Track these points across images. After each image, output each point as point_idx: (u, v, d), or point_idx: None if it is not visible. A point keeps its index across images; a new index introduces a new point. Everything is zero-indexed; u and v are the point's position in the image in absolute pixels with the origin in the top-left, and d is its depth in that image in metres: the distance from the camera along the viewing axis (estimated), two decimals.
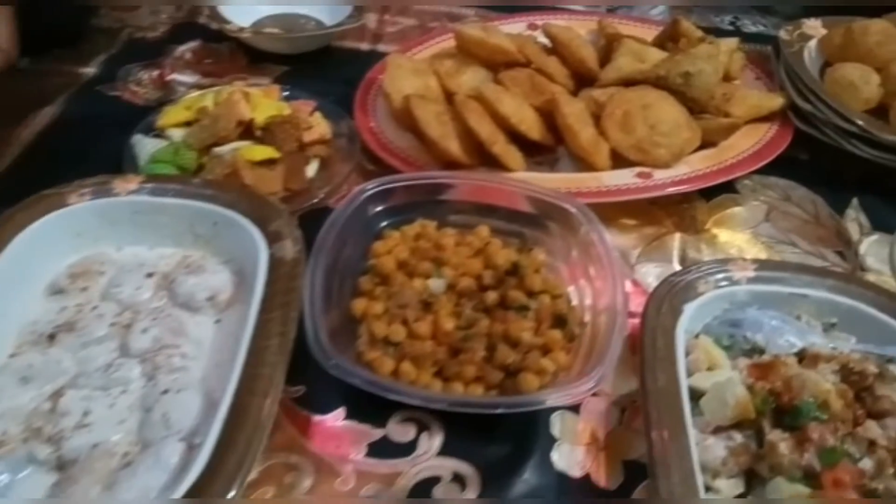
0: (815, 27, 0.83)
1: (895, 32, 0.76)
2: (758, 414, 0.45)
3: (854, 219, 0.70)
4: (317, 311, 0.48)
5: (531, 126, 0.68)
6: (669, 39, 0.80)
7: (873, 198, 0.72)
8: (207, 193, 0.55)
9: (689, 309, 0.51)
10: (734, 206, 0.70)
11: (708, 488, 0.43)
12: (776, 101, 0.75)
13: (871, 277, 0.63)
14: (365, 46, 0.90)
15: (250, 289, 0.48)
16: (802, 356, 0.50)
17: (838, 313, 0.54)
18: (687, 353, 0.49)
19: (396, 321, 0.50)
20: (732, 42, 0.78)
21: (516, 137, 0.68)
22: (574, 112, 0.67)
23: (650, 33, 0.84)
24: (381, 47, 0.90)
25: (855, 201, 0.72)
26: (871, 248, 0.66)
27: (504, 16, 0.90)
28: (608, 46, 0.79)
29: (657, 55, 0.75)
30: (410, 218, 0.58)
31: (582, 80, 0.76)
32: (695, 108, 0.71)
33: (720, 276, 0.54)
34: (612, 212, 0.66)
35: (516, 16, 0.89)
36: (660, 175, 0.67)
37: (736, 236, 0.67)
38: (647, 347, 0.48)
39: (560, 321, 0.51)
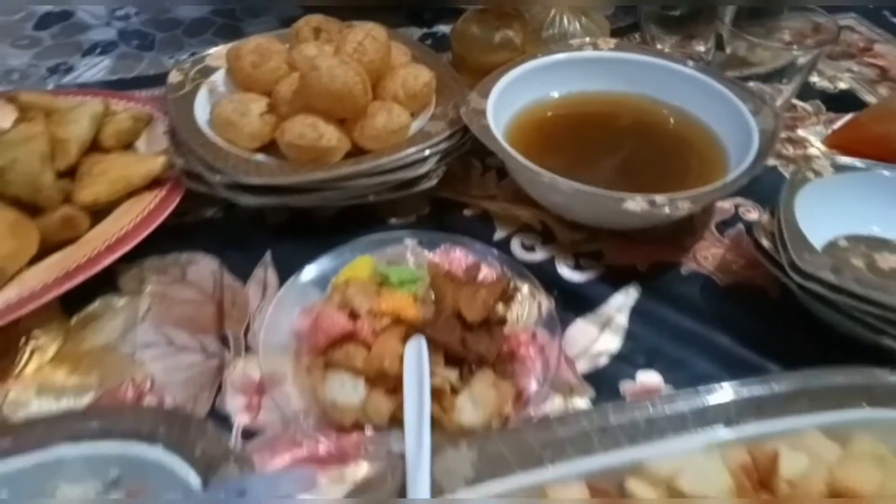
0: (220, 57, 0.71)
1: (272, 47, 0.65)
2: None
3: (259, 279, 0.59)
4: None
5: None
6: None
7: (291, 239, 0.61)
8: None
9: None
10: (106, 313, 0.56)
11: None
12: (153, 164, 0.62)
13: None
14: None
15: None
16: None
17: (116, 462, 0.40)
18: None
19: None
20: (96, 105, 0.64)
21: None
22: None
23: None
24: None
25: (268, 255, 0.61)
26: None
27: None
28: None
29: None
30: None
31: None
32: (26, 204, 0.56)
33: None
34: None
35: None
36: None
37: (57, 373, 0.52)
38: None
39: None
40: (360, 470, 0.45)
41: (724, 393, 0.44)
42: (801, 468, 0.41)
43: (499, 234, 0.63)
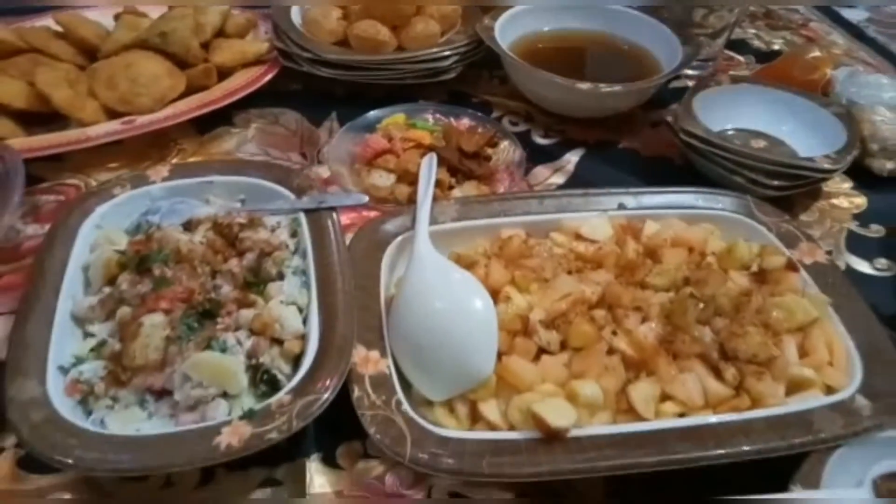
0: None
1: None
2: (122, 269, 0.57)
3: (327, 127, 0.86)
4: None
5: (15, 96, 0.77)
6: None
7: (350, 107, 0.88)
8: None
9: (101, 209, 0.63)
10: (226, 135, 0.84)
11: (87, 334, 0.55)
12: (261, 46, 0.89)
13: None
14: None
15: None
16: (189, 225, 0.63)
17: (244, 190, 0.68)
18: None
19: None
20: (223, 7, 0.92)
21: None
22: (46, 80, 0.77)
23: None
24: None
25: (334, 114, 0.88)
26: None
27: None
28: None
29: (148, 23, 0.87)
30: None
31: (94, 54, 0.87)
32: (178, 60, 0.84)
33: (138, 181, 0.66)
34: (100, 158, 0.77)
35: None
36: (143, 119, 0.79)
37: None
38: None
39: None
40: None
41: (618, 191, 0.70)
42: (656, 230, 0.67)
43: (495, 114, 0.89)
